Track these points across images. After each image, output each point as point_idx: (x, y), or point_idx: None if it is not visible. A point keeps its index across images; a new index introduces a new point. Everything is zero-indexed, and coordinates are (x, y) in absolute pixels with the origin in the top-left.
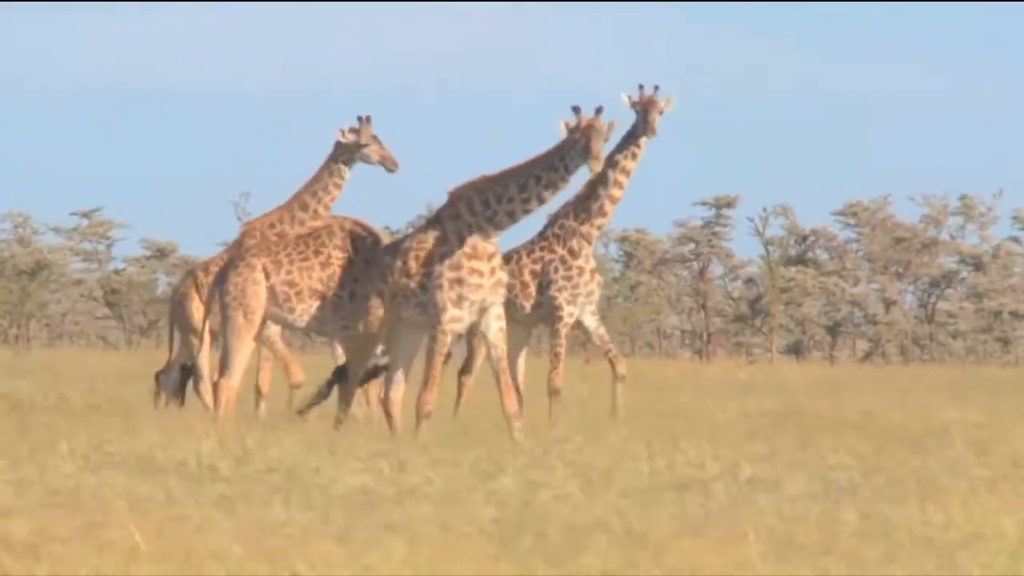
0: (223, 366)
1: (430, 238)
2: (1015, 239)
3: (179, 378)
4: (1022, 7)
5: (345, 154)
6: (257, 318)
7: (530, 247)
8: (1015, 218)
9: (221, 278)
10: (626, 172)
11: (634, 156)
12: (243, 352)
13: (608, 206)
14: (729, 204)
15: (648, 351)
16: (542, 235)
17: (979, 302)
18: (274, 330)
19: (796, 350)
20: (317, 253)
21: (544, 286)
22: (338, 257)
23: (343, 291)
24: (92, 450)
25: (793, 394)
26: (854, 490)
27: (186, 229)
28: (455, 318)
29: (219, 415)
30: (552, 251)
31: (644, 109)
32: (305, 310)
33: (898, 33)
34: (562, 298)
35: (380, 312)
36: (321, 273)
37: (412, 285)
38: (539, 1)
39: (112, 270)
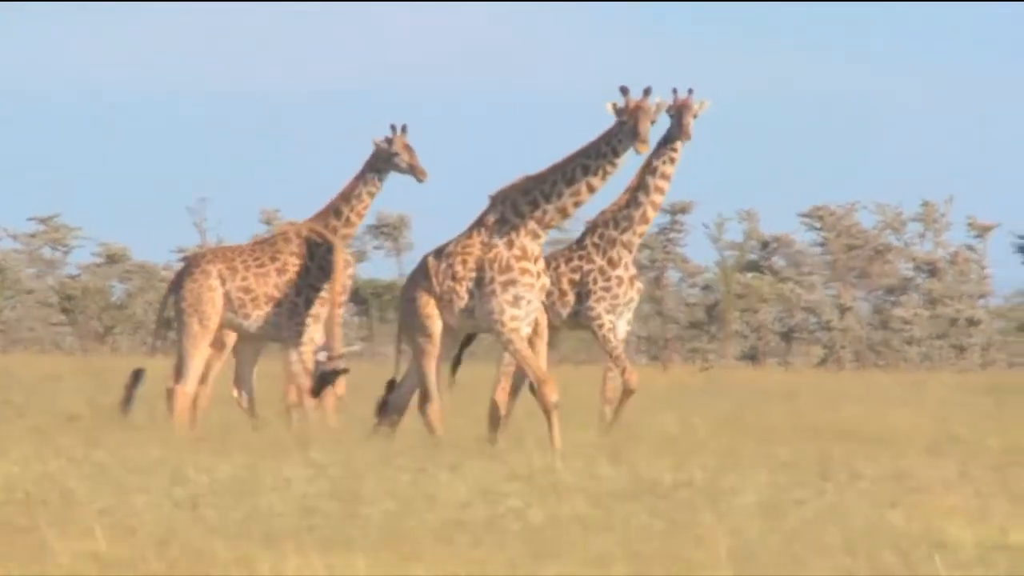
0: (178, 372)
1: (476, 242)
2: (970, 247)
3: (130, 384)
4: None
5: (379, 163)
6: (213, 324)
7: (568, 255)
8: (969, 225)
9: (176, 284)
10: (666, 177)
11: (672, 160)
12: (198, 358)
13: (651, 212)
14: (684, 210)
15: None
16: (580, 243)
17: (934, 308)
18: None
19: (751, 356)
20: (273, 259)
21: (583, 296)
22: (294, 264)
23: (299, 297)
24: (53, 455)
25: (749, 400)
26: (810, 495)
27: (141, 235)
28: (515, 317)
29: (174, 421)
30: (591, 261)
31: (678, 113)
32: (260, 316)
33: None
34: (601, 308)
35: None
36: (277, 279)
37: (459, 289)
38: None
39: (67, 276)
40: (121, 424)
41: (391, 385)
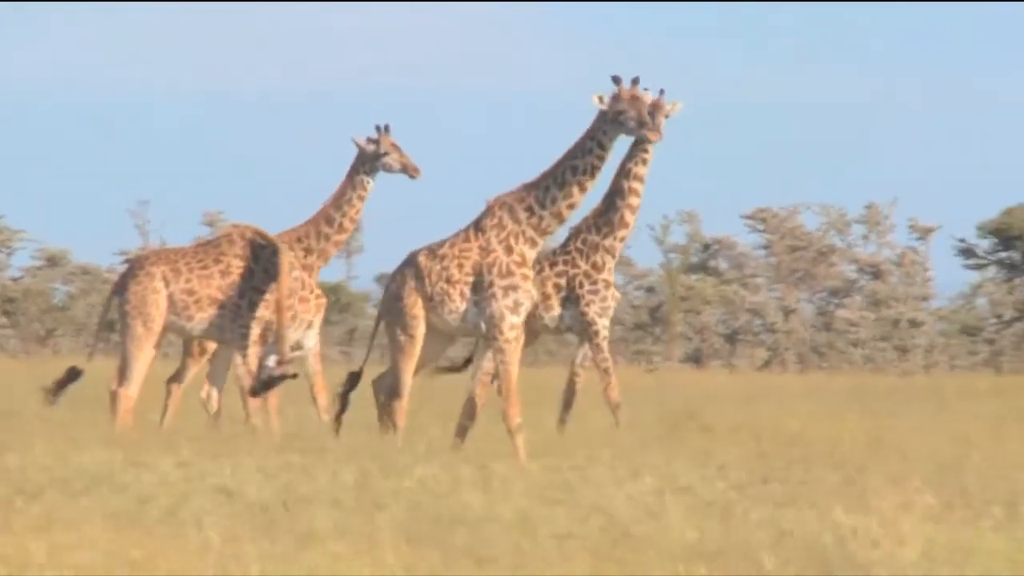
0: (121, 375)
1: (474, 246)
2: (912, 248)
3: (63, 379)
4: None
5: (366, 165)
6: (157, 327)
7: (553, 259)
8: (911, 227)
9: (120, 286)
10: (639, 179)
11: (644, 162)
12: (142, 361)
13: (629, 216)
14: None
15: (548, 359)
16: (564, 248)
17: (878, 310)
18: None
19: (696, 358)
20: (217, 261)
21: (570, 301)
22: (238, 266)
23: (242, 300)
24: None
25: (692, 402)
26: (751, 497)
27: (83, 237)
28: (513, 325)
29: (117, 425)
30: (576, 265)
31: (650, 113)
32: (203, 319)
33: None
34: (592, 312)
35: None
36: (221, 281)
37: (452, 292)
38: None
39: (9, 278)
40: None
41: (353, 377)
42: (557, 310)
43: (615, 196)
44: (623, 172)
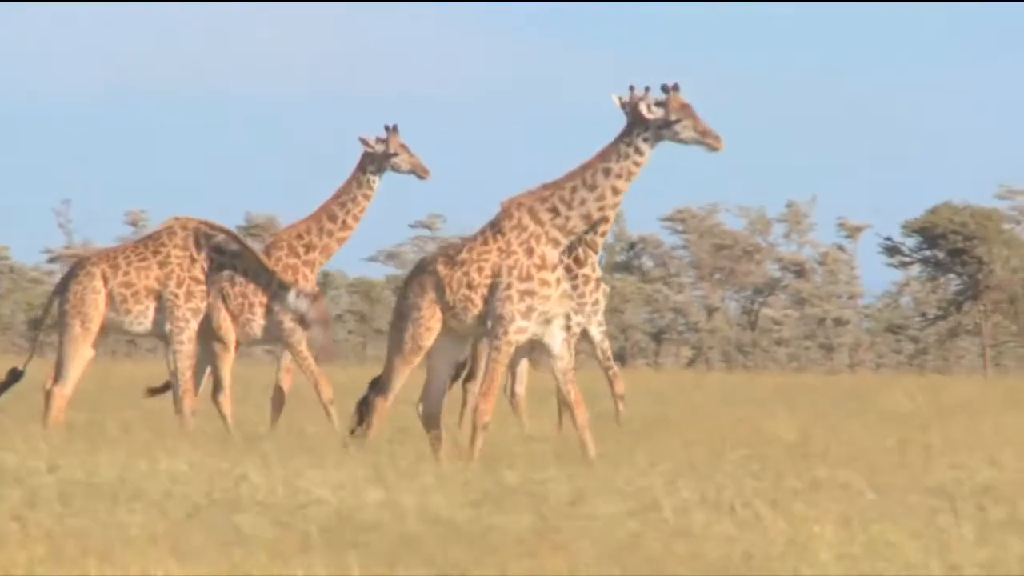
0: (58, 374)
1: (493, 249)
2: (840, 247)
3: (5, 381)
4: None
5: (374, 164)
6: (94, 326)
7: None
8: (840, 225)
9: (62, 286)
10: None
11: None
12: (79, 360)
13: (609, 211)
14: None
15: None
16: None
17: (802, 309)
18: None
19: (619, 357)
20: (156, 253)
21: None
22: (177, 256)
23: (179, 289)
24: None
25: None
26: (670, 498)
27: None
28: (520, 329)
29: (48, 423)
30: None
31: (634, 111)
32: (140, 311)
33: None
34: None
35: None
36: (159, 272)
37: (474, 297)
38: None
39: None
40: None
41: (376, 384)
42: None
43: None
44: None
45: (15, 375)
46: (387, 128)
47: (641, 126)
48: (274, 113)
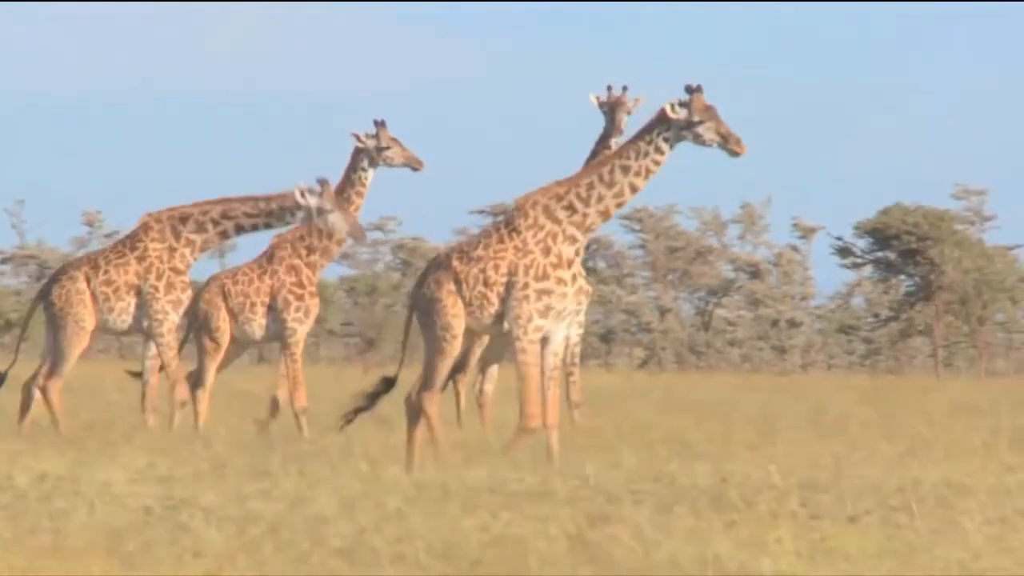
0: (51, 370)
1: (509, 247)
2: (794, 247)
3: None
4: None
5: (365, 160)
6: (88, 324)
7: None
8: (794, 226)
9: (45, 292)
10: None
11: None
12: (73, 359)
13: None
14: (506, 211)
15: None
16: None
17: (756, 310)
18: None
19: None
20: (133, 248)
21: None
22: (155, 248)
23: (159, 281)
24: None
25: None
26: (621, 500)
27: None
28: (539, 328)
29: (57, 417)
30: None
31: (611, 110)
32: (123, 307)
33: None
34: None
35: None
36: (138, 266)
37: (490, 295)
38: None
39: None
40: None
41: (387, 382)
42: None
43: None
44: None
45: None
46: (376, 123)
47: (663, 125)
48: (230, 112)
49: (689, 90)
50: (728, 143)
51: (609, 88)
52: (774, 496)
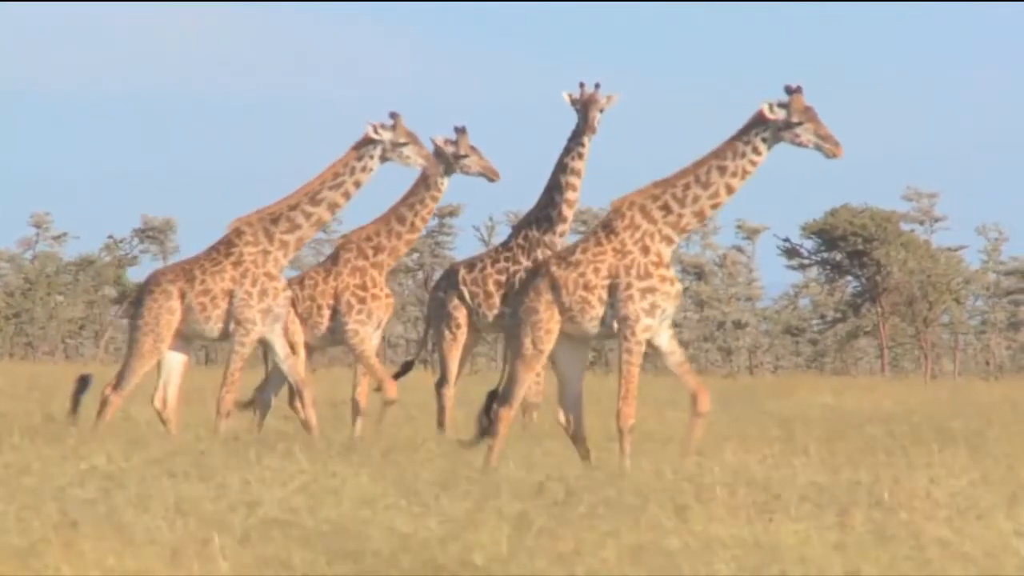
0: (118, 381)
1: (607, 249)
2: (739, 248)
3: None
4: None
5: (443, 165)
6: (164, 346)
7: (495, 256)
8: (739, 227)
9: (137, 300)
10: (576, 173)
11: (580, 156)
12: (140, 374)
13: (567, 210)
14: (452, 213)
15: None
16: (506, 245)
17: (701, 311)
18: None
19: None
20: (228, 254)
21: (511, 297)
22: (250, 253)
23: (253, 287)
24: None
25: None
26: (586, 495)
27: None
28: (647, 327)
29: (100, 423)
30: (517, 262)
31: (584, 108)
32: (218, 315)
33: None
34: None
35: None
36: (233, 272)
37: (591, 299)
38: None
39: None
40: None
41: (492, 396)
42: (499, 308)
43: (553, 191)
44: (560, 167)
45: (84, 382)
46: (456, 129)
47: (760, 126)
48: (172, 115)
49: (788, 91)
50: (826, 144)
51: (582, 85)
52: (727, 493)
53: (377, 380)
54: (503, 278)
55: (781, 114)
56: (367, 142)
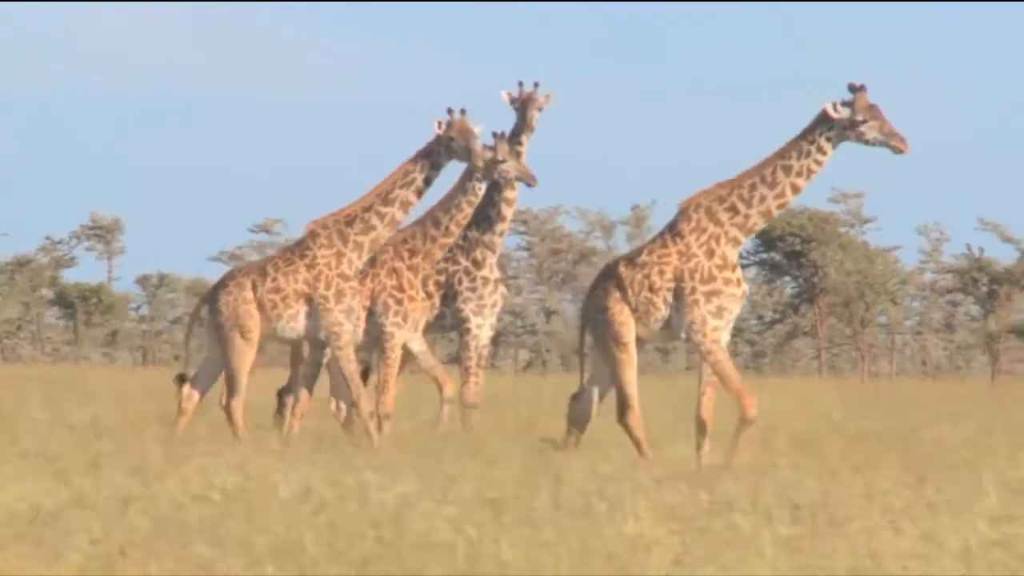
0: (229, 389)
1: (672, 252)
2: None
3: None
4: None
5: (480, 170)
6: (254, 337)
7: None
8: None
9: (212, 298)
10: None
11: (519, 155)
12: (246, 369)
13: (506, 210)
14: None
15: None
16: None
17: None
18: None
19: (456, 360)
20: (302, 256)
21: (449, 298)
22: (324, 256)
23: (328, 291)
24: None
25: (452, 405)
26: (522, 500)
27: None
28: (716, 328)
29: (239, 434)
30: (456, 262)
31: (522, 106)
32: (292, 315)
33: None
34: (468, 310)
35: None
36: (307, 274)
37: (656, 300)
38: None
39: None
40: None
41: (574, 397)
42: (439, 308)
43: (492, 191)
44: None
45: (181, 380)
46: (495, 135)
47: (825, 125)
48: (126, 113)
49: (852, 89)
50: (892, 141)
51: (520, 84)
52: (679, 495)
53: (383, 389)
54: (442, 279)
55: (845, 113)
56: (437, 140)
